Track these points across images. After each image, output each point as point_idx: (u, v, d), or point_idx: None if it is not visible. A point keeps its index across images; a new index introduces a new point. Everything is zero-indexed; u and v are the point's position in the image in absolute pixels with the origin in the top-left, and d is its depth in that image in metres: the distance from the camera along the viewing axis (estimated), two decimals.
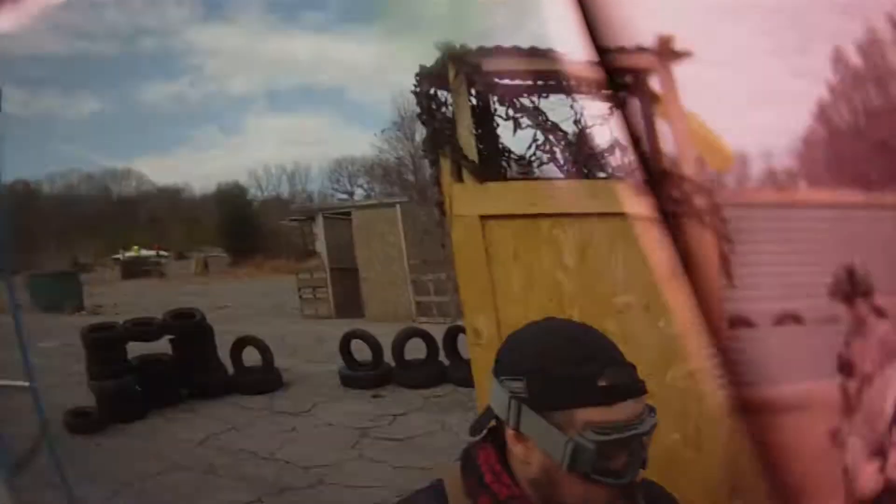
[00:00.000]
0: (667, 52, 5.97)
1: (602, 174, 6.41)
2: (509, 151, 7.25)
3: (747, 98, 5.28)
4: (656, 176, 5.93)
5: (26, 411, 8.21)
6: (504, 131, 6.85)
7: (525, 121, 6.57)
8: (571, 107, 6.70)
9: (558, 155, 6.62)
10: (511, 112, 6.63)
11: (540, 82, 6.56)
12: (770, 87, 5.34)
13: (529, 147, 6.80)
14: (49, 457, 7.19)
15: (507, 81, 6.65)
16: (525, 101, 6.52)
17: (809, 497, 5.89)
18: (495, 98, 6.79)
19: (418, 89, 6.64)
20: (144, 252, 60.30)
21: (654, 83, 6.22)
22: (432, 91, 6.59)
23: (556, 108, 6.63)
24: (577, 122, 6.62)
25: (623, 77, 6.16)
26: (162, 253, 61.11)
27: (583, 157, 6.43)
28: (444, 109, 6.55)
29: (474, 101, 6.89)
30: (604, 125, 6.61)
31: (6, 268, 6.99)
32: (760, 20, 4.98)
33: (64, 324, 24.44)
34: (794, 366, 6.76)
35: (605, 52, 3.01)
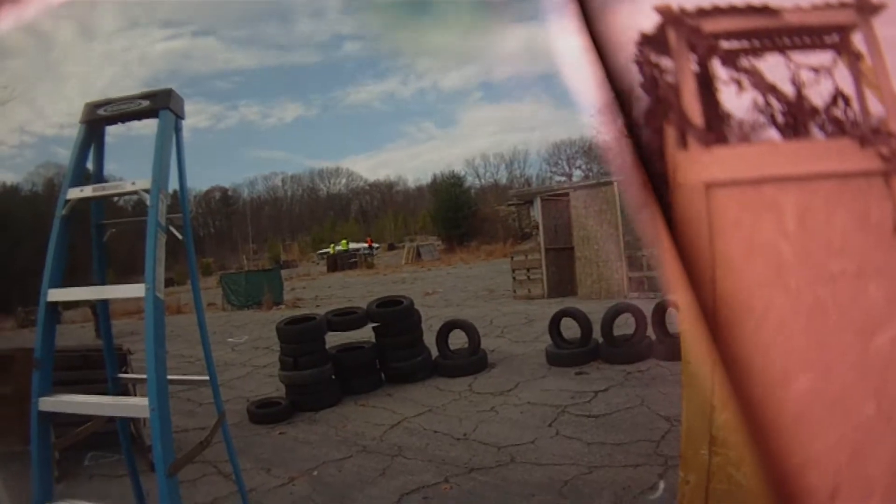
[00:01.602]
0: (867, 5, 5.87)
1: (822, 133, 6.34)
2: (731, 115, 7.25)
3: None
4: (866, 133, 5.85)
5: (208, 405, 8.51)
6: (726, 95, 6.87)
7: (746, 83, 6.54)
8: (787, 66, 6.64)
9: (779, 116, 6.56)
10: (733, 74, 6.63)
11: (757, 42, 6.51)
12: None
13: (751, 110, 6.78)
14: (227, 447, 7.39)
15: (726, 43, 6.64)
16: (745, 62, 6.48)
17: None
18: (717, 61, 6.81)
19: (640, 56, 6.69)
20: (354, 245, 61.37)
21: (858, 40, 6.13)
22: (653, 58, 6.64)
23: (773, 67, 6.58)
24: (793, 80, 6.55)
25: (828, 34, 6.12)
26: (374, 245, 62.16)
27: (802, 117, 6.34)
28: (666, 76, 6.59)
29: (695, 66, 6.92)
30: (821, 83, 6.53)
31: (191, 268, 7.28)
32: None
33: (259, 319, 25.23)
34: None
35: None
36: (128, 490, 7.46)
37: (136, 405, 6.48)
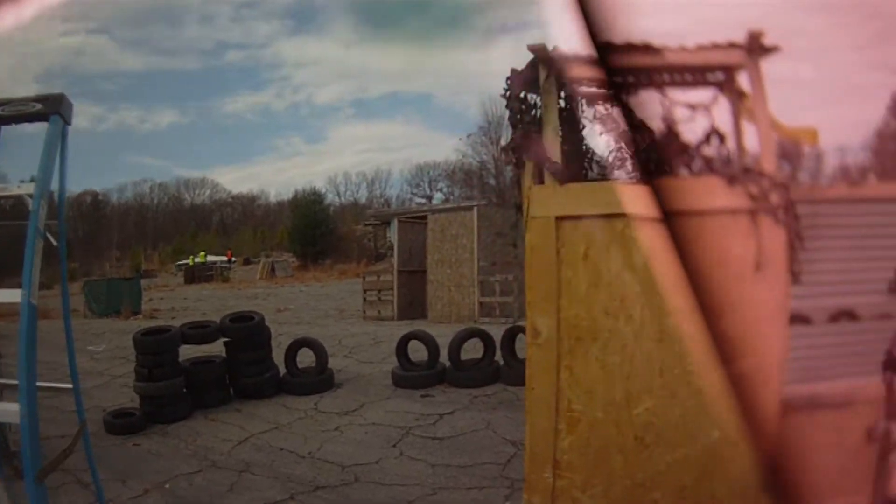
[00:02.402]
0: (757, 47, 6.04)
1: (694, 170, 6.50)
2: (593, 152, 7.39)
3: (825, 93, 5.35)
4: (738, 173, 6.02)
5: (69, 413, 8.40)
6: (589, 132, 7.02)
7: (616, 121, 6.69)
8: (661, 103, 6.80)
9: (641, 154, 6.71)
10: (597, 114, 6.78)
11: (637, 79, 6.64)
12: (847, 81, 5.39)
13: (612, 148, 6.94)
14: (87, 457, 7.32)
15: (602, 80, 6.75)
16: (618, 100, 6.60)
17: (841, 493, 5.89)
18: (583, 100, 6.95)
19: (509, 92, 6.82)
20: (212, 258, 61.18)
21: (742, 80, 6.31)
22: (522, 94, 6.76)
23: (646, 104, 6.71)
24: (665, 118, 6.71)
25: (714, 73, 6.30)
26: (232, 259, 62.04)
27: (667, 155, 6.50)
28: (532, 112, 6.71)
29: (562, 104, 7.05)
30: (695, 121, 6.70)
31: (62, 275, 7.25)
32: (840, 15, 5.00)
33: (118, 328, 24.90)
34: (842, 363, 6.78)
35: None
36: None
37: (7, 410, 6.42)
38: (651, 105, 6.71)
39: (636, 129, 6.51)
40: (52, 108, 6.48)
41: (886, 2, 4.92)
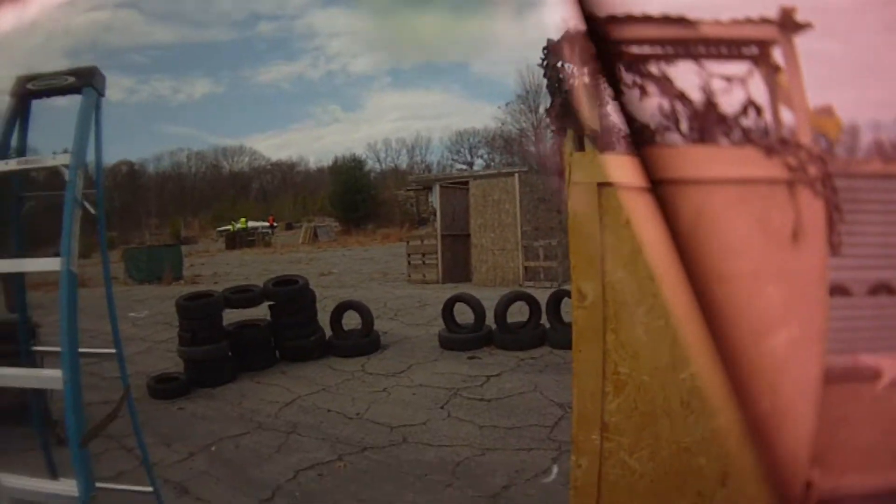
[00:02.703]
0: (789, 23, 5.98)
1: (733, 139, 6.47)
2: (634, 120, 7.36)
3: (857, 72, 5.31)
4: (775, 144, 5.97)
5: (111, 379, 8.44)
6: (633, 100, 6.99)
7: (651, 89, 6.65)
8: (699, 73, 6.76)
9: (682, 122, 6.69)
10: (637, 80, 6.74)
11: (670, 49, 6.62)
12: (880, 61, 5.35)
13: (654, 115, 6.91)
14: (132, 422, 7.33)
15: (635, 49, 6.74)
16: (652, 68, 6.59)
17: (879, 466, 5.88)
18: (622, 67, 6.92)
19: (545, 62, 6.79)
20: (253, 223, 61.25)
21: (777, 55, 6.25)
22: (559, 63, 6.73)
23: (685, 74, 6.69)
24: (704, 88, 6.67)
25: (749, 47, 6.27)
26: (274, 224, 62.09)
27: (706, 124, 6.48)
28: (570, 81, 6.68)
29: (600, 73, 7.02)
30: (732, 92, 6.66)
31: (101, 242, 7.26)
32: None
33: (159, 294, 25.04)
34: (881, 335, 6.74)
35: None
36: (36, 462, 7.36)
37: (50, 377, 6.43)
38: (688, 76, 6.70)
39: (674, 98, 6.51)
40: (84, 81, 6.47)
41: None
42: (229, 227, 59.85)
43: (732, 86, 6.68)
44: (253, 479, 9.28)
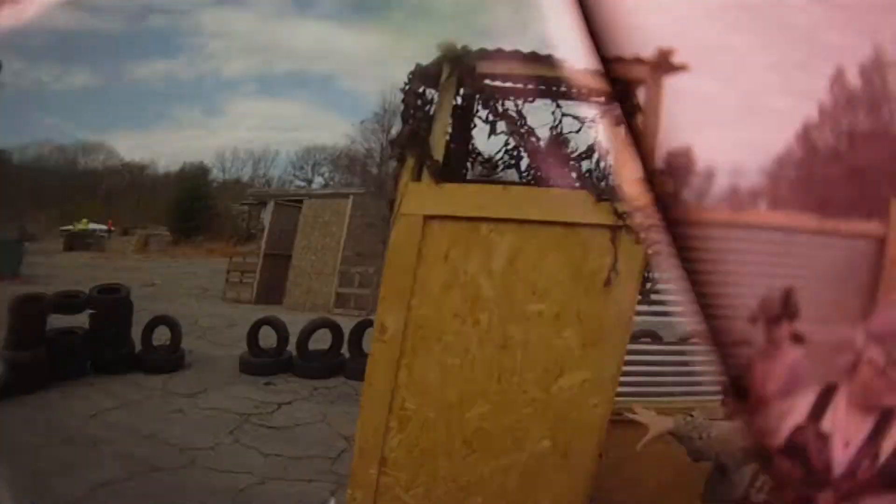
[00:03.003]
0: (664, 64, 6.07)
1: (568, 182, 6.58)
2: (478, 154, 7.46)
3: (733, 113, 5.39)
4: (605, 190, 6.11)
5: None
6: (481, 133, 7.09)
7: (501, 125, 6.77)
8: (553, 113, 6.91)
9: (524, 160, 6.84)
10: (490, 115, 6.83)
11: (532, 87, 6.75)
12: (759, 102, 5.43)
13: (499, 151, 7.02)
14: None
15: (497, 84, 6.85)
16: (508, 104, 6.72)
17: None
18: (479, 100, 7.00)
19: (408, 86, 6.84)
20: (93, 226, 60.02)
21: (641, 95, 6.30)
22: (421, 89, 6.79)
23: (541, 113, 6.82)
24: (553, 128, 6.82)
25: (614, 86, 6.35)
26: (112, 228, 60.86)
27: (549, 164, 6.61)
28: (426, 108, 6.73)
29: (459, 102, 7.09)
30: (583, 133, 6.82)
31: None
32: (766, 35, 5.06)
33: None
34: (685, 380, 6.99)
35: (607, 62, 3.11)
36: None
37: None
38: (543, 115, 6.85)
39: (522, 137, 6.66)
40: None
41: (815, 29, 5.01)
42: (71, 227, 58.59)
43: (584, 126, 6.87)
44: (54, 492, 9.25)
